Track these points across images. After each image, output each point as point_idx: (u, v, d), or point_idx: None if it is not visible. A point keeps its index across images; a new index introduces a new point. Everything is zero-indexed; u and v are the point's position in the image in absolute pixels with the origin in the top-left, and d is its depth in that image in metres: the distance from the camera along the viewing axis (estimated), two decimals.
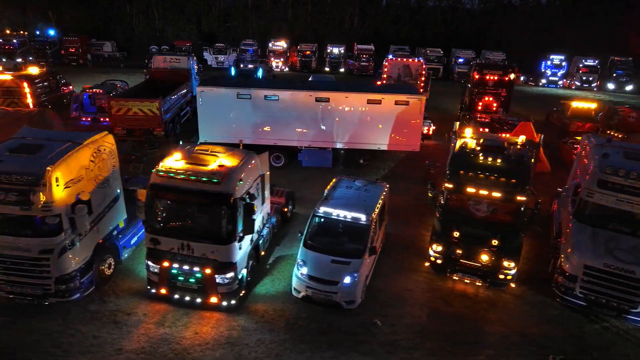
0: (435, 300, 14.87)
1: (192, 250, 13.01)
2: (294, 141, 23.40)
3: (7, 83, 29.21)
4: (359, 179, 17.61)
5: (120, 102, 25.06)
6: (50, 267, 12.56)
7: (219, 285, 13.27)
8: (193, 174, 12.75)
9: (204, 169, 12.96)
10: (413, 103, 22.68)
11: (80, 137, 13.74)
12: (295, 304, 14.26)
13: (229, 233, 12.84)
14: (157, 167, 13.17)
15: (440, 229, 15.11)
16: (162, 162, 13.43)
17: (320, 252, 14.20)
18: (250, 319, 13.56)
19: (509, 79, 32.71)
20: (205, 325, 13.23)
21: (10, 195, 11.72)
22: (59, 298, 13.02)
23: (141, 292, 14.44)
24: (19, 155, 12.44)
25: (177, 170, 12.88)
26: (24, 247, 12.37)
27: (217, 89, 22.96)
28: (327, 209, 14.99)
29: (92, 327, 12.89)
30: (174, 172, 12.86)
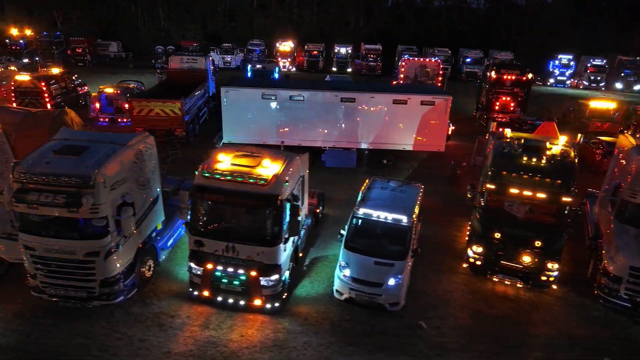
0: (476, 302, 14.76)
1: (238, 253, 12.89)
2: (318, 141, 23.29)
3: (25, 83, 29.04)
4: (393, 179, 17.52)
5: (142, 102, 24.96)
6: (96, 270, 12.42)
7: (264, 288, 13.15)
8: (240, 176, 12.63)
9: (251, 170, 12.84)
10: (439, 103, 22.61)
11: (122, 138, 13.62)
12: (337, 306, 14.16)
13: (275, 235, 12.73)
14: (201, 169, 13.02)
15: (480, 230, 15.00)
16: (206, 163, 13.26)
17: (363, 254, 14.08)
18: (295, 322, 13.44)
19: (526, 78, 32.63)
20: (250, 327, 13.11)
21: (58, 197, 11.56)
22: (103, 301, 12.88)
23: (182, 294, 14.31)
24: (64, 157, 12.30)
25: (224, 172, 12.76)
26: (69, 249, 12.18)
27: (242, 89, 22.89)
28: (367, 210, 14.89)
29: (137, 330, 12.76)
30: (220, 173, 12.74)
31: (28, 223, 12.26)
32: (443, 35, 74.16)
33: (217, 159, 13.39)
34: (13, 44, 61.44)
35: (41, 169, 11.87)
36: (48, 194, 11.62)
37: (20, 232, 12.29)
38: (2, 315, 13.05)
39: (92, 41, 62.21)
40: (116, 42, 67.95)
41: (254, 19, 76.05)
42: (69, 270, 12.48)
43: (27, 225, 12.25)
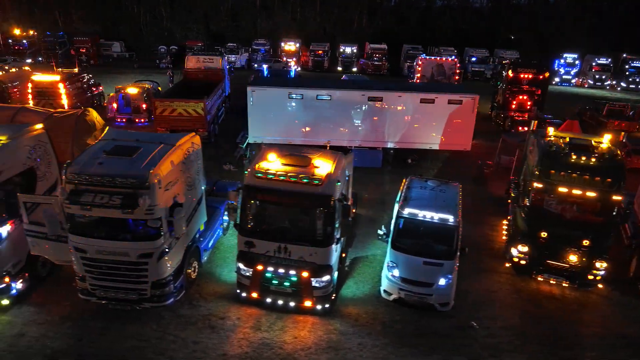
0: (523, 302, 14.72)
1: (290, 253, 12.76)
2: (344, 141, 23.17)
3: (42, 84, 28.75)
4: (430, 179, 17.42)
5: (165, 102, 24.79)
6: (149, 272, 12.25)
7: (315, 289, 13.02)
8: (293, 175, 12.49)
9: (303, 170, 12.72)
10: (466, 102, 22.56)
11: (170, 138, 13.48)
12: (386, 307, 14.08)
13: (328, 235, 12.62)
14: (253, 169, 12.88)
15: (526, 230, 14.92)
16: (256, 163, 13.14)
17: (411, 254, 13.98)
18: (346, 323, 13.34)
19: (543, 77, 32.64)
20: (301, 329, 12.99)
21: (114, 198, 11.38)
22: (154, 303, 12.72)
23: (228, 295, 14.19)
24: (117, 158, 12.13)
25: (277, 172, 12.61)
26: (122, 251, 12.01)
27: (269, 89, 22.74)
28: (412, 210, 14.79)
29: (190, 333, 12.63)
30: (272, 173, 12.60)
31: (78, 225, 12.07)
32: (447, 34, 74.12)
33: (267, 158, 13.25)
34: (16, 44, 60.83)
35: (95, 170, 11.70)
36: (103, 195, 11.45)
37: (71, 234, 12.06)
38: (49, 318, 12.87)
39: (96, 41, 61.66)
40: (119, 42, 67.62)
41: (257, 19, 75.71)
42: (121, 272, 12.27)
43: (77, 227, 12.06)
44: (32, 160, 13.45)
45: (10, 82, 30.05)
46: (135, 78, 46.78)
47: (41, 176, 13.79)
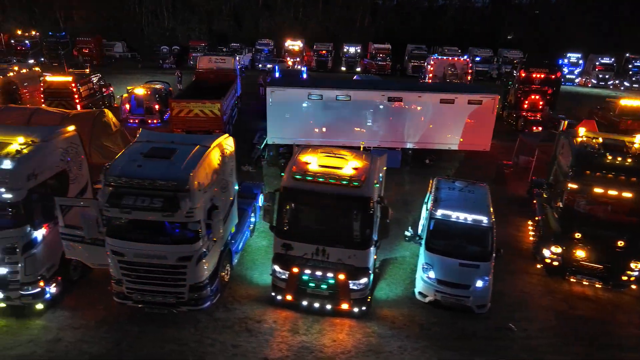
0: (557, 303, 14.65)
1: (328, 256, 12.63)
2: (364, 141, 22.94)
3: (54, 84, 28.55)
4: (457, 179, 17.33)
5: (182, 103, 24.63)
6: (187, 275, 12.10)
7: (352, 291, 12.92)
8: (332, 177, 12.38)
9: (342, 172, 12.61)
10: (486, 102, 22.50)
11: (204, 139, 13.35)
12: (421, 308, 13.98)
13: (367, 237, 12.51)
14: (290, 171, 12.76)
15: (559, 231, 14.85)
16: (293, 165, 13.02)
17: (447, 256, 13.88)
18: (383, 325, 13.24)
19: (555, 76, 32.61)
20: (339, 332, 12.88)
21: (155, 201, 11.24)
22: (191, 306, 12.58)
23: (262, 298, 14.07)
24: (156, 160, 12.00)
25: (315, 174, 12.49)
26: (161, 254, 11.86)
27: (288, 89, 22.62)
28: (445, 211, 14.71)
29: (228, 336, 12.51)
30: (311, 175, 12.47)
31: (115, 228, 11.92)
32: (449, 34, 74.14)
33: (304, 160, 13.14)
34: (18, 44, 60.44)
35: (135, 172, 11.58)
36: (144, 198, 11.30)
37: (108, 237, 11.91)
38: (84, 322, 12.72)
39: (99, 41, 61.34)
40: (121, 42, 67.32)
41: (259, 19, 75.53)
42: (159, 275, 12.13)
43: (114, 230, 11.90)
44: (65, 162, 13.28)
45: (21, 82, 29.75)
46: (140, 79, 46.67)
47: (73, 178, 13.65)
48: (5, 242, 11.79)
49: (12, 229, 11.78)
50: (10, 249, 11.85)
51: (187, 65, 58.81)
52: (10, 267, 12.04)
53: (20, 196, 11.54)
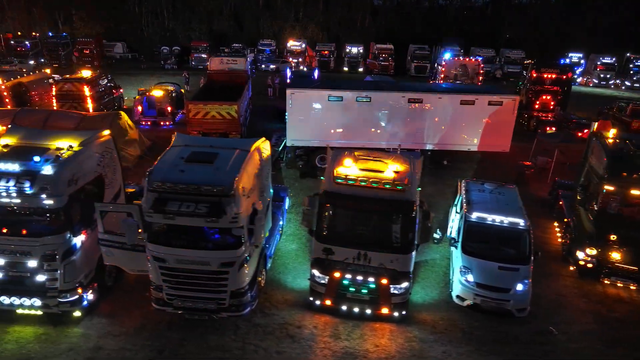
0: (594, 306, 14.61)
1: (369, 260, 12.51)
2: (383, 143, 22.91)
3: (66, 87, 28.27)
4: (486, 181, 17.27)
5: (199, 105, 24.44)
6: (229, 281, 11.94)
7: (393, 296, 12.81)
8: (375, 181, 12.26)
9: (384, 176, 12.50)
10: (507, 103, 22.45)
11: (243, 143, 13.22)
12: (460, 313, 13.88)
13: (410, 241, 12.39)
14: (331, 174, 12.63)
15: (594, 232, 14.79)
16: (333, 168, 12.88)
17: (485, 259, 13.80)
18: (424, 330, 13.14)
19: (566, 77, 32.64)
20: (381, 337, 12.77)
21: (200, 207, 11.09)
22: (232, 312, 12.43)
23: (299, 303, 13.95)
24: (198, 165, 11.86)
25: (358, 177, 12.37)
26: (204, 260, 11.70)
27: (308, 91, 22.48)
28: (480, 214, 14.65)
29: (270, 343, 12.36)
30: (353, 179, 12.35)
31: (156, 233, 11.73)
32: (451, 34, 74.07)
33: (343, 163, 13.01)
34: (18, 45, 59.89)
35: (179, 177, 11.41)
36: (189, 203, 11.14)
37: (149, 243, 11.74)
38: (123, 329, 12.53)
39: (99, 42, 60.91)
40: (121, 42, 66.91)
41: (260, 19, 75.29)
42: (201, 281, 11.97)
43: (155, 236, 11.73)
44: (102, 167, 13.10)
45: (31, 85, 29.45)
46: (144, 80, 46.50)
47: (108, 183, 13.48)
48: (45, 249, 11.60)
49: (52, 236, 11.59)
50: (50, 256, 11.67)
51: (188, 66, 58.66)
52: (49, 275, 11.84)
53: (61, 202, 11.36)
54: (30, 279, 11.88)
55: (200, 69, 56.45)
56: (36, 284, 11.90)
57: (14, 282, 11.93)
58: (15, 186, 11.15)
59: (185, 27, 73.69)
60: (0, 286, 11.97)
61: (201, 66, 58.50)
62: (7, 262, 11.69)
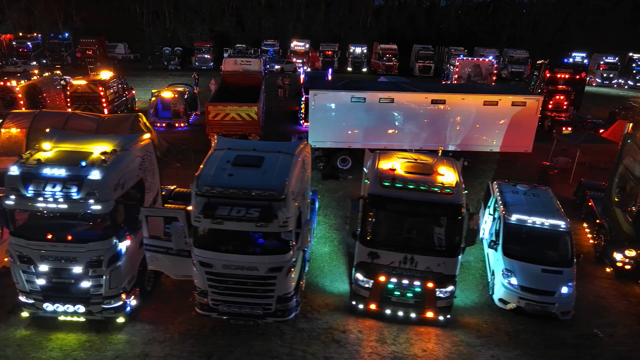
0: (635, 307, 14.58)
1: (416, 264, 12.37)
2: (405, 144, 22.81)
3: (81, 88, 28.01)
4: (518, 183, 17.20)
5: (218, 107, 24.25)
6: (276, 286, 11.77)
7: (439, 299, 12.69)
8: (423, 184, 12.13)
9: (432, 179, 12.38)
10: (530, 104, 22.40)
11: (287, 147, 13.06)
12: (503, 315, 13.80)
13: (457, 245, 12.27)
14: (377, 177, 12.49)
15: (634, 234, 14.72)
16: (379, 171, 12.75)
17: (528, 262, 13.70)
18: (469, 334, 13.03)
19: (580, 77, 32.63)
20: (427, 341, 12.65)
21: (251, 211, 10.92)
22: (278, 318, 12.26)
23: (340, 307, 13.85)
24: (246, 169, 11.71)
25: (405, 180, 12.23)
26: (252, 265, 11.53)
27: (331, 92, 22.35)
28: (520, 216, 14.57)
29: (317, 348, 12.23)
30: (400, 182, 12.21)
31: (203, 239, 11.56)
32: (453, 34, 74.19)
33: (386, 166, 12.90)
34: (20, 46, 59.43)
35: (228, 182, 11.24)
36: (240, 208, 10.97)
37: (196, 248, 11.57)
38: (168, 335, 12.36)
39: (102, 43, 60.51)
40: (122, 43, 66.51)
41: (262, 19, 75.05)
42: (248, 286, 11.80)
43: (202, 241, 11.56)
44: (142, 171, 12.92)
45: (43, 86, 29.16)
46: (150, 81, 46.31)
47: (148, 187, 13.28)
48: (91, 255, 11.40)
49: (98, 242, 11.39)
50: (95, 262, 11.48)
51: (191, 66, 58.48)
52: (94, 281, 11.65)
53: (108, 207, 11.17)
54: (75, 285, 11.67)
55: (204, 69, 56.31)
56: (80, 290, 11.72)
57: (58, 288, 11.71)
58: (62, 191, 10.93)
59: (187, 28, 73.27)
60: (44, 293, 11.69)
61: (205, 67, 58.51)
62: (52, 269, 11.44)
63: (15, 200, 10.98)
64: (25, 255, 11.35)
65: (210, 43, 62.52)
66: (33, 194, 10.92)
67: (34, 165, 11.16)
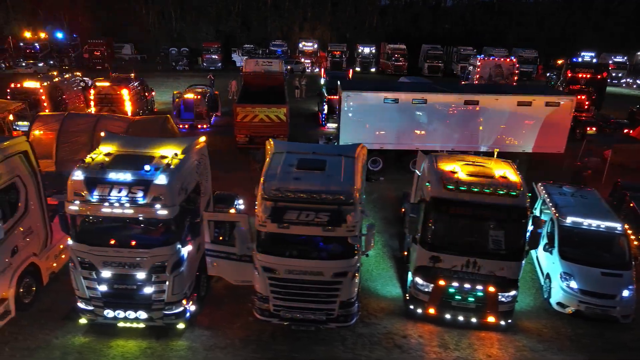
0: None
1: (479, 268, 12.20)
2: (437, 145, 22.64)
3: (104, 90, 27.76)
4: (563, 184, 17.07)
5: (247, 108, 24.03)
6: (341, 291, 11.59)
7: (501, 304, 12.53)
8: (487, 187, 11.95)
9: (493, 181, 12.22)
10: (564, 104, 22.31)
11: (344, 149, 12.95)
12: (562, 320, 13.66)
13: (521, 248, 12.11)
14: (439, 180, 12.32)
15: None
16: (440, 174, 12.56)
17: (587, 265, 13.56)
18: (530, 338, 12.88)
19: (601, 76, 32.54)
20: (490, 347, 12.50)
21: (320, 215, 10.75)
22: (340, 323, 12.08)
23: (395, 311, 13.70)
24: (311, 172, 11.54)
25: (470, 183, 12.06)
26: (317, 270, 11.35)
27: (363, 93, 22.20)
28: (575, 218, 14.40)
29: (380, 353, 12.07)
30: (465, 185, 12.04)
31: (267, 243, 11.38)
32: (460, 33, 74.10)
33: (447, 169, 12.73)
34: (27, 48, 59.08)
35: (296, 185, 11.05)
36: (309, 212, 10.79)
37: (259, 254, 11.38)
38: (229, 341, 12.18)
39: (110, 43, 60.22)
40: (129, 44, 66.20)
41: (267, 20, 74.83)
42: (312, 292, 11.61)
43: (266, 246, 11.37)
44: (199, 174, 12.73)
45: (64, 87, 28.90)
46: (163, 82, 45.98)
47: (203, 191, 13.06)
48: (156, 261, 11.16)
49: (163, 247, 11.17)
50: (159, 268, 11.24)
51: (198, 67, 58.28)
52: (157, 287, 11.42)
53: (174, 212, 10.97)
54: (137, 291, 11.45)
55: (211, 69, 55.96)
56: (142, 296, 11.49)
57: (119, 294, 11.49)
58: (128, 196, 10.70)
59: (193, 28, 72.93)
60: (104, 299, 11.47)
61: (213, 67, 58.17)
62: (114, 275, 11.21)
63: (80, 205, 10.76)
64: (87, 262, 11.12)
65: (218, 43, 62.25)
66: (98, 199, 10.70)
67: (98, 170, 10.93)
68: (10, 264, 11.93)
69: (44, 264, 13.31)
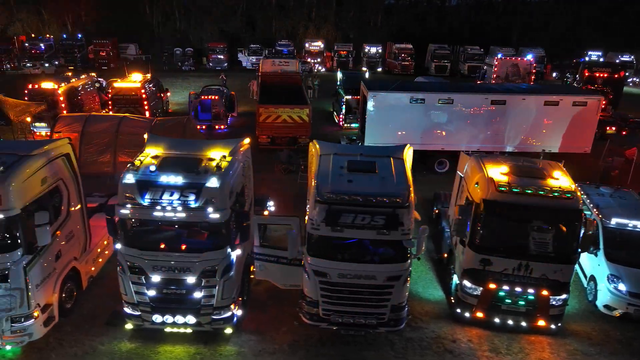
0: None
1: (531, 271, 12.00)
2: (462, 146, 22.44)
3: (122, 90, 27.50)
4: (600, 185, 16.90)
5: (270, 109, 23.81)
6: (392, 295, 11.39)
7: (552, 307, 12.33)
8: (541, 189, 11.76)
9: (549, 183, 12.02)
10: (591, 104, 22.14)
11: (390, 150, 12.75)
12: (609, 323, 13.49)
13: (574, 251, 11.92)
14: (491, 182, 12.11)
15: None
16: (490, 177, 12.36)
17: (634, 267, 13.39)
18: (580, 342, 12.69)
19: (618, 76, 32.41)
20: (541, 351, 12.32)
21: (376, 219, 10.54)
22: (390, 327, 11.88)
23: (440, 314, 13.52)
24: (363, 175, 11.37)
25: (523, 185, 11.87)
26: (370, 274, 11.15)
27: (390, 94, 22.01)
28: (619, 219, 14.23)
29: (431, 358, 11.89)
30: (517, 187, 11.84)
31: (319, 247, 11.17)
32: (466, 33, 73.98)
33: (496, 170, 12.52)
34: (33, 48, 58.76)
35: (349, 188, 10.85)
36: (364, 215, 10.58)
37: (310, 257, 11.17)
38: (277, 347, 11.97)
39: (115, 44, 59.90)
40: (133, 44, 65.87)
41: (273, 20, 74.58)
42: (363, 296, 11.41)
43: (317, 250, 11.16)
44: (244, 177, 12.50)
45: (82, 88, 28.63)
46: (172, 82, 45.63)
47: (247, 194, 12.83)
48: (206, 265, 10.93)
49: (213, 251, 10.94)
50: (210, 272, 11.01)
51: (204, 67, 57.99)
52: (207, 291, 11.19)
53: (225, 216, 10.75)
54: (186, 296, 11.22)
55: (218, 70, 55.59)
56: (192, 301, 11.26)
57: (168, 299, 11.25)
58: (180, 200, 10.47)
59: (197, 29, 72.60)
60: (153, 304, 11.23)
61: (218, 67, 57.81)
62: (164, 279, 10.98)
63: (131, 209, 10.51)
64: (137, 266, 10.88)
65: (224, 44, 61.86)
66: (150, 203, 10.47)
67: (150, 173, 10.70)
68: (55, 269, 11.66)
69: (83, 268, 13.08)
